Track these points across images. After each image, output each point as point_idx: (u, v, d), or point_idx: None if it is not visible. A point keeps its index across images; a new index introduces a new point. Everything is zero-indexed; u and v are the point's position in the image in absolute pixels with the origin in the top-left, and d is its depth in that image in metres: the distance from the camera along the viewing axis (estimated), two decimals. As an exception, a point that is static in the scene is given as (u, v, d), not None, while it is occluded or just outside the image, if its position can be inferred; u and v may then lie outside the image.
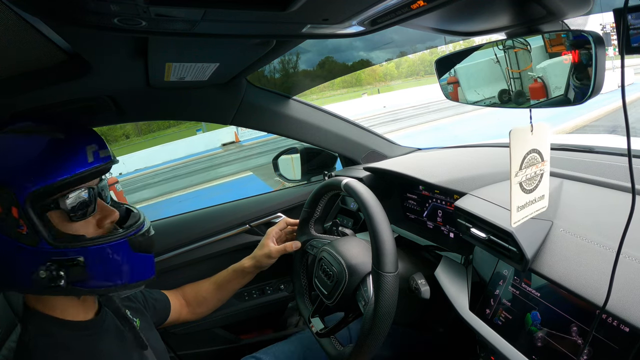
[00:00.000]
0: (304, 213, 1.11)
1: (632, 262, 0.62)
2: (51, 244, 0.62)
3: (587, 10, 0.56)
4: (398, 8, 0.53)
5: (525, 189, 0.62)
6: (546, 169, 0.64)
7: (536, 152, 0.61)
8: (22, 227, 0.61)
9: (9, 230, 0.60)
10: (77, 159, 0.65)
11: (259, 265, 1.14)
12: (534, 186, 0.64)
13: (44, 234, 0.62)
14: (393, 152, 1.58)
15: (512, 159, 0.58)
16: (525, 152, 0.60)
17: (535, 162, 0.62)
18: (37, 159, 0.62)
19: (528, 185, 0.63)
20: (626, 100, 0.45)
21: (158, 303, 1.01)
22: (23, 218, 0.60)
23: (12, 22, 0.51)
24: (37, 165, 0.62)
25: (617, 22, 0.43)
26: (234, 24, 0.56)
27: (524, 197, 0.63)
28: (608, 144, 1.12)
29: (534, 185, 0.64)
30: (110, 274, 0.68)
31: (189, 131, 23.23)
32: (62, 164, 0.63)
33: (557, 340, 0.66)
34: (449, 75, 0.72)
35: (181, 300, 1.13)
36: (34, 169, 0.61)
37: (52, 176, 0.62)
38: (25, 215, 0.60)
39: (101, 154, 0.68)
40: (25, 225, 0.61)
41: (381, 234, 0.79)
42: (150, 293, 1.02)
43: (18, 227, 0.60)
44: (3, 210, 0.60)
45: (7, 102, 0.83)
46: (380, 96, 28.64)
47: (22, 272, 0.62)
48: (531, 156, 0.61)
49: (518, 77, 0.60)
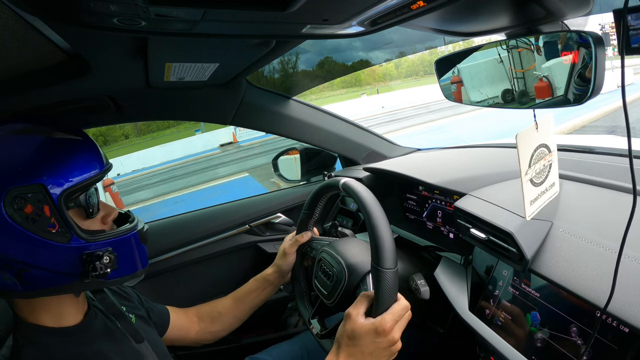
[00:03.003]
0: (303, 214, 1.11)
1: (632, 262, 0.62)
2: (84, 239, 0.65)
3: (587, 10, 0.56)
4: (398, 8, 0.53)
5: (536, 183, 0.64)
6: (554, 158, 0.66)
7: (544, 146, 0.63)
8: (54, 226, 0.62)
9: (40, 230, 0.61)
10: (97, 159, 0.69)
11: (279, 270, 1.10)
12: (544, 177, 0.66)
13: (76, 230, 0.64)
14: (393, 152, 1.58)
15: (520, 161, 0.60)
16: (533, 149, 0.61)
17: (543, 155, 0.64)
18: (64, 158, 0.65)
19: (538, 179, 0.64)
20: (626, 100, 0.46)
21: (154, 313, 0.98)
22: (55, 216, 0.62)
23: (11, 22, 0.51)
24: (66, 164, 0.64)
25: (617, 23, 0.43)
26: (234, 24, 0.56)
27: (536, 191, 0.65)
28: (608, 144, 1.12)
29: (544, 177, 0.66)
30: (129, 263, 0.72)
31: (188, 131, 23.26)
32: (86, 163, 0.67)
33: (557, 340, 0.66)
34: (451, 74, 0.72)
35: (192, 317, 1.08)
36: (64, 168, 0.64)
37: (79, 174, 0.65)
38: (58, 214, 0.62)
39: (106, 157, 0.74)
40: (57, 223, 0.62)
41: (380, 231, 0.79)
42: (149, 303, 0.99)
43: (49, 226, 0.62)
44: (34, 210, 0.60)
45: (7, 102, 0.83)
46: (379, 96, 28.66)
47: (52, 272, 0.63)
48: (539, 151, 0.63)
49: (522, 77, 0.60)
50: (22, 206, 0.60)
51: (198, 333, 1.07)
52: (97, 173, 0.68)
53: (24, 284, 0.62)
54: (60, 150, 0.65)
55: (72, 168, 0.64)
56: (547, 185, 0.67)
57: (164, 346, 0.90)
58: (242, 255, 1.48)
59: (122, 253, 0.70)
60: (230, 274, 1.46)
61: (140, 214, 0.80)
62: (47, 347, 0.65)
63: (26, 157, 0.62)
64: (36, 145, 0.64)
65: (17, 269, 0.61)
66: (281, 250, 1.11)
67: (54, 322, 0.68)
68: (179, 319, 1.04)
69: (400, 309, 0.75)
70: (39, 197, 0.61)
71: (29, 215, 0.60)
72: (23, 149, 0.63)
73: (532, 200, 0.64)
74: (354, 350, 0.74)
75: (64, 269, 0.64)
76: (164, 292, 1.36)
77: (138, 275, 0.75)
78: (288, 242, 1.11)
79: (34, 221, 0.61)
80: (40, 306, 0.67)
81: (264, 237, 1.49)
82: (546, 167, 0.65)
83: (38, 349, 0.64)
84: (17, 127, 0.65)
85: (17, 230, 0.59)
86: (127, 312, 0.84)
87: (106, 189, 9.02)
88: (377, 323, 0.73)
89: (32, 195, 0.60)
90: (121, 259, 0.70)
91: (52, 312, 0.68)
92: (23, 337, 0.65)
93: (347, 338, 0.75)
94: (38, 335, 0.66)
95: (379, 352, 0.74)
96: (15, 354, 0.63)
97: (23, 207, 0.60)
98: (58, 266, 0.63)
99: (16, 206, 0.59)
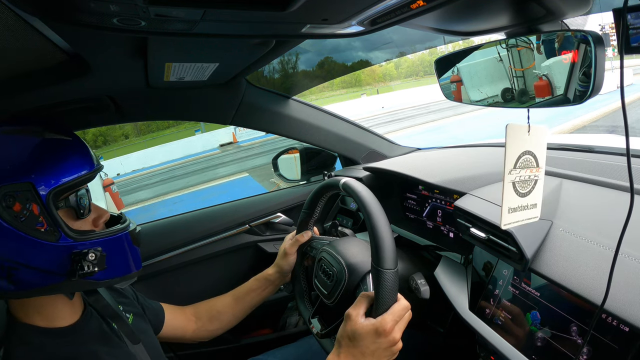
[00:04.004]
0: (303, 214, 1.11)
1: (631, 261, 0.62)
2: (73, 238, 0.65)
3: (587, 10, 0.56)
4: (398, 8, 0.53)
5: (519, 191, 0.61)
6: (541, 176, 0.63)
7: (531, 154, 0.60)
8: (42, 224, 0.62)
9: (27, 228, 0.61)
10: (87, 159, 0.70)
11: (280, 270, 1.10)
12: (527, 191, 0.62)
13: (65, 229, 0.64)
14: (393, 152, 1.58)
15: (506, 155, 0.57)
16: (521, 151, 0.59)
17: (529, 165, 0.60)
18: (53, 158, 0.65)
19: (521, 188, 0.61)
20: (625, 100, 0.46)
21: (148, 310, 0.98)
22: (44, 214, 0.62)
23: (11, 22, 0.51)
24: (55, 164, 0.65)
25: (616, 22, 0.43)
26: (234, 24, 0.56)
27: (517, 200, 0.61)
28: (607, 143, 1.12)
29: (528, 190, 0.62)
30: (120, 264, 0.72)
31: (188, 132, 23.27)
32: (76, 163, 0.67)
33: (557, 340, 0.66)
34: (451, 74, 0.72)
35: (189, 316, 1.08)
36: (53, 167, 0.64)
37: (68, 174, 0.65)
38: (46, 212, 0.62)
39: (96, 158, 0.74)
40: (45, 222, 0.63)
41: (380, 231, 0.79)
42: (144, 299, 0.99)
43: (37, 225, 0.62)
44: (22, 208, 0.61)
45: (7, 102, 0.83)
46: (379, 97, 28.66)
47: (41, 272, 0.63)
48: (526, 157, 0.59)
49: (521, 76, 0.60)
50: (11, 204, 0.60)
51: (195, 331, 1.07)
52: (86, 173, 0.68)
53: (13, 283, 0.62)
54: (49, 150, 0.65)
55: (61, 168, 0.65)
56: (529, 203, 0.63)
57: (159, 346, 0.90)
58: (242, 255, 1.48)
59: (113, 253, 0.70)
60: (230, 273, 1.46)
61: (140, 214, 0.80)
62: (39, 347, 0.65)
63: (15, 156, 0.62)
64: (26, 144, 0.64)
65: (7, 268, 0.61)
66: (282, 250, 1.11)
67: (46, 323, 0.68)
68: (174, 318, 1.04)
69: (400, 309, 0.75)
70: (27, 195, 0.61)
71: (18, 214, 0.61)
72: (12, 148, 0.63)
73: (511, 208, 0.61)
74: (355, 351, 0.74)
75: (52, 268, 0.64)
76: (164, 292, 1.35)
77: (130, 277, 0.74)
78: (288, 241, 1.11)
79: (22, 219, 0.61)
80: (34, 307, 0.68)
81: (264, 236, 1.49)
82: (532, 180, 0.62)
83: (30, 350, 0.64)
84: (6, 128, 0.65)
85: (5, 228, 0.60)
86: (124, 312, 0.84)
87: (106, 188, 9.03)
88: (378, 323, 0.73)
89: (20, 193, 0.61)
90: (111, 259, 0.69)
91: (45, 312, 0.68)
92: (16, 337, 0.65)
93: (347, 339, 0.75)
94: (31, 336, 0.66)
95: (380, 352, 0.74)
96: (7, 354, 0.63)
97: (11, 205, 0.60)
98: (47, 265, 0.63)
99: (5, 204, 0.60)
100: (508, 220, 0.61)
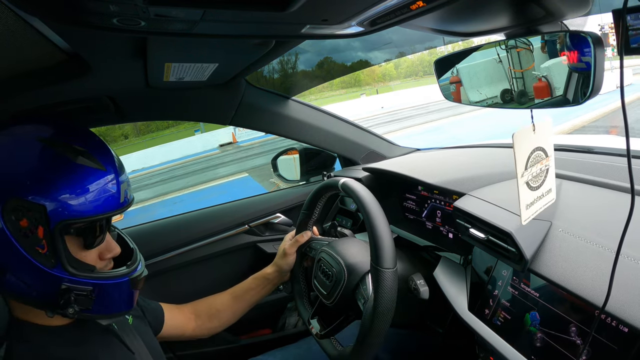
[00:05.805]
0: (302, 215, 1.11)
1: (631, 262, 0.62)
2: (68, 271, 0.62)
3: (586, 11, 0.56)
4: (397, 9, 0.53)
5: (532, 187, 0.63)
6: (551, 163, 0.65)
7: (540, 149, 0.62)
8: (43, 248, 0.60)
9: (28, 246, 0.59)
10: (115, 197, 0.65)
11: (279, 269, 1.11)
12: (541, 182, 0.65)
13: (63, 259, 0.62)
14: (392, 152, 1.58)
15: (517, 161, 0.59)
16: (530, 151, 0.60)
17: (540, 159, 0.63)
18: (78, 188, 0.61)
19: (534, 183, 0.63)
20: (625, 100, 0.46)
21: (148, 311, 0.97)
22: (47, 240, 0.60)
23: (11, 22, 0.51)
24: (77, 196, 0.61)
25: (616, 23, 0.43)
26: (233, 24, 0.56)
27: (532, 195, 0.64)
28: (607, 144, 1.12)
29: (541, 182, 0.65)
30: (107, 305, 0.68)
31: (188, 132, 23.24)
32: (99, 201, 0.63)
33: (556, 340, 0.66)
34: (450, 74, 0.72)
35: (188, 314, 1.08)
36: (72, 199, 0.61)
37: (87, 212, 0.62)
38: (50, 239, 0.60)
39: (129, 192, 0.69)
40: (47, 247, 0.60)
41: (379, 230, 0.79)
42: (143, 300, 0.99)
43: (38, 246, 0.60)
44: (28, 225, 0.59)
45: (7, 102, 0.83)
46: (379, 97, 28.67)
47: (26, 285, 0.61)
48: (536, 154, 0.62)
49: (521, 77, 0.60)
50: (19, 218, 0.58)
51: (195, 330, 1.08)
52: (107, 213, 0.64)
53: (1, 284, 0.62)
54: (76, 179, 0.61)
55: (82, 202, 0.61)
56: (544, 191, 0.66)
57: (158, 347, 0.90)
58: (242, 255, 1.48)
59: (104, 295, 0.66)
60: (229, 273, 1.46)
61: (140, 214, 0.79)
62: (38, 345, 0.65)
63: (37, 171, 0.60)
64: (53, 163, 0.61)
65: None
66: (281, 250, 1.11)
67: (45, 320, 0.67)
68: (174, 317, 1.04)
69: None
70: (36, 216, 0.59)
71: (23, 229, 0.59)
72: (39, 162, 0.61)
73: (528, 205, 0.63)
74: None
75: (38, 289, 0.62)
76: (163, 292, 1.35)
77: (114, 317, 0.72)
78: (288, 242, 1.11)
79: (26, 236, 0.59)
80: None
81: (263, 237, 1.49)
82: (543, 171, 0.64)
83: (29, 347, 0.64)
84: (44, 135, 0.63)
85: (7, 236, 0.59)
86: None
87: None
88: None
89: (31, 212, 0.59)
90: (101, 300, 0.66)
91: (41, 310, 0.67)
92: (16, 335, 0.65)
93: None
94: (30, 334, 0.66)
95: None
96: (9, 352, 0.63)
97: (19, 219, 0.59)
98: (33, 284, 0.61)
99: (14, 217, 0.58)
100: (527, 215, 0.64)
